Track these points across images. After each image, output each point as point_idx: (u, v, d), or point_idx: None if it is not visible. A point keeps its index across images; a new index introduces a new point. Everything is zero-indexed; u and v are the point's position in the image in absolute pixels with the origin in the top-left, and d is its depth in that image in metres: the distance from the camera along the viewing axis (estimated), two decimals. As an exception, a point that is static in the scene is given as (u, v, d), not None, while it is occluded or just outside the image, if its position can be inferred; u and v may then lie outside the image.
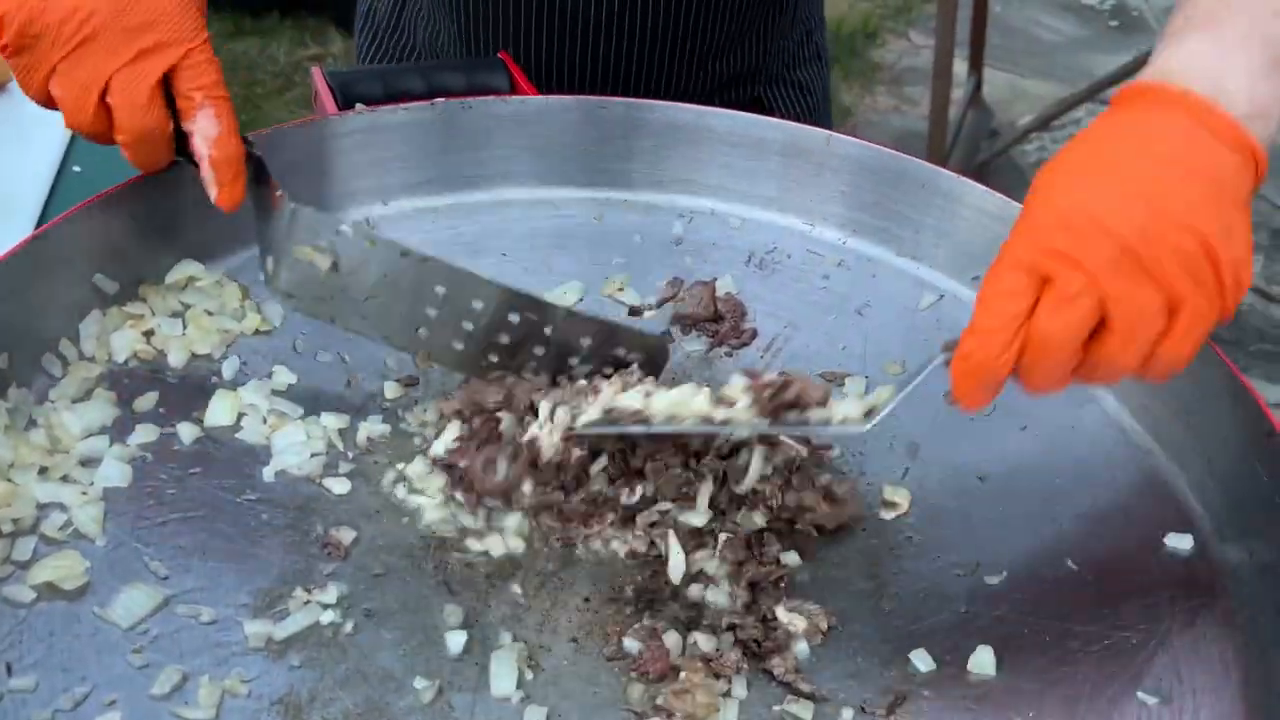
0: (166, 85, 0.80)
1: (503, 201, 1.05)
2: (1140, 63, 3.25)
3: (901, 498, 0.85)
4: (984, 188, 0.97)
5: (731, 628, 0.75)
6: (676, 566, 0.77)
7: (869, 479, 0.87)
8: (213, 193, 0.82)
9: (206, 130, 0.80)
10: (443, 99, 1.02)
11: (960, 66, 3.32)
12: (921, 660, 0.74)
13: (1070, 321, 0.66)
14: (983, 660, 0.74)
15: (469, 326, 0.84)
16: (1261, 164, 0.70)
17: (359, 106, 1.01)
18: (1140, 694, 0.72)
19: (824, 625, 0.76)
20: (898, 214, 1.02)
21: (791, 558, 0.80)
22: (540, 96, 1.06)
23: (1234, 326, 2.80)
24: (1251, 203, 0.71)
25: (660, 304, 0.99)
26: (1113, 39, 3.91)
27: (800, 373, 0.79)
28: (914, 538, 0.83)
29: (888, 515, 0.84)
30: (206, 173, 0.82)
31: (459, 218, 1.03)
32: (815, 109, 1.32)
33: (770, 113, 1.24)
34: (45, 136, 1.26)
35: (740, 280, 1.02)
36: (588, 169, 1.07)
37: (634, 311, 0.98)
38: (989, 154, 3.25)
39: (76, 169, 1.25)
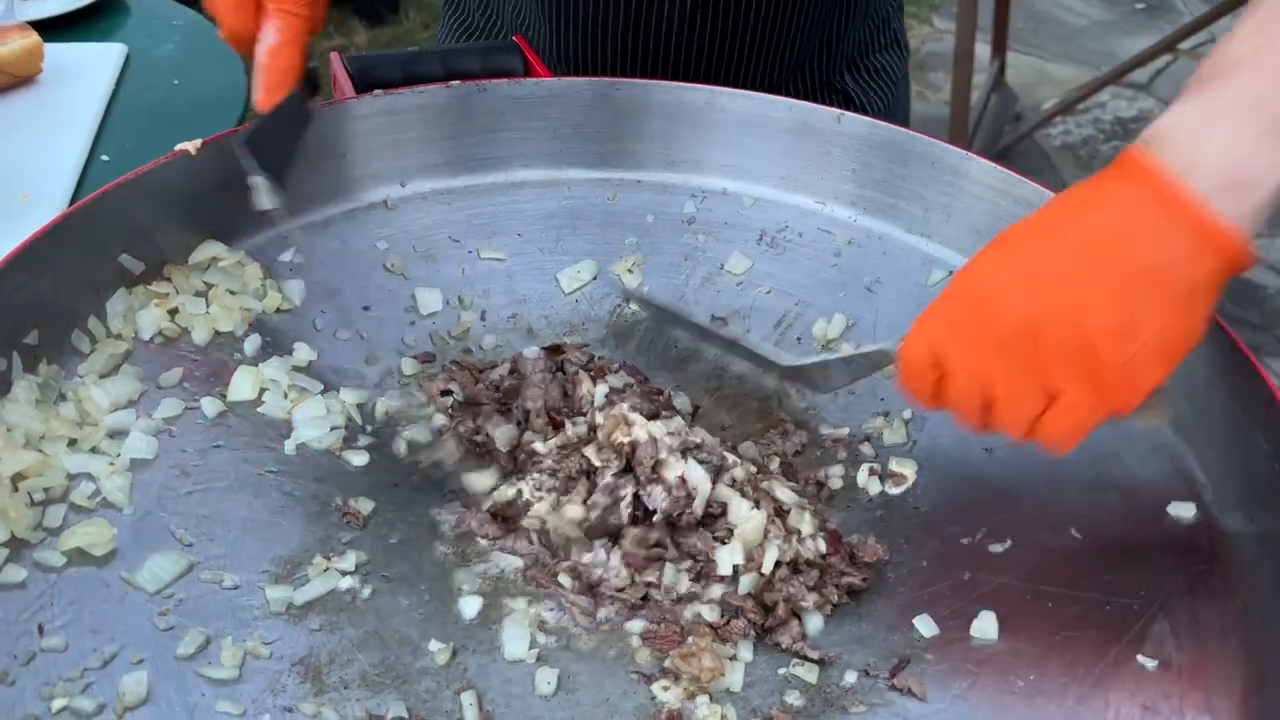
0: None
1: (517, 183, 1.07)
2: (1168, 46, 3.21)
3: (908, 469, 0.86)
4: (990, 163, 0.98)
5: (738, 611, 0.76)
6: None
7: (878, 453, 0.88)
8: (255, 96, 0.86)
9: (266, 38, 0.85)
10: (458, 82, 1.04)
11: (984, 51, 3.31)
12: (925, 625, 0.76)
13: (960, 399, 0.72)
14: (985, 625, 0.75)
15: None
16: (1230, 247, 0.66)
17: (376, 91, 1.03)
18: (1140, 658, 0.73)
19: (834, 599, 0.78)
20: (907, 191, 1.03)
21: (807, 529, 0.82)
22: (553, 78, 1.07)
23: (1260, 310, 2.78)
24: (1215, 286, 0.67)
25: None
26: (1139, 22, 3.88)
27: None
28: (920, 508, 0.84)
29: (894, 489, 0.85)
30: (255, 76, 0.86)
31: (475, 199, 1.05)
32: (894, 95, 1.32)
33: (850, 100, 1.27)
34: (74, 126, 1.30)
35: (752, 258, 1.03)
36: (601, 150, 1.08)
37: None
38: (1012, 138, 3.24)
39: (105, 158, 1.28)
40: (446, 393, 0.86)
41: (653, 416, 0.81)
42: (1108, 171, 0.71)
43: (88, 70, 1.40)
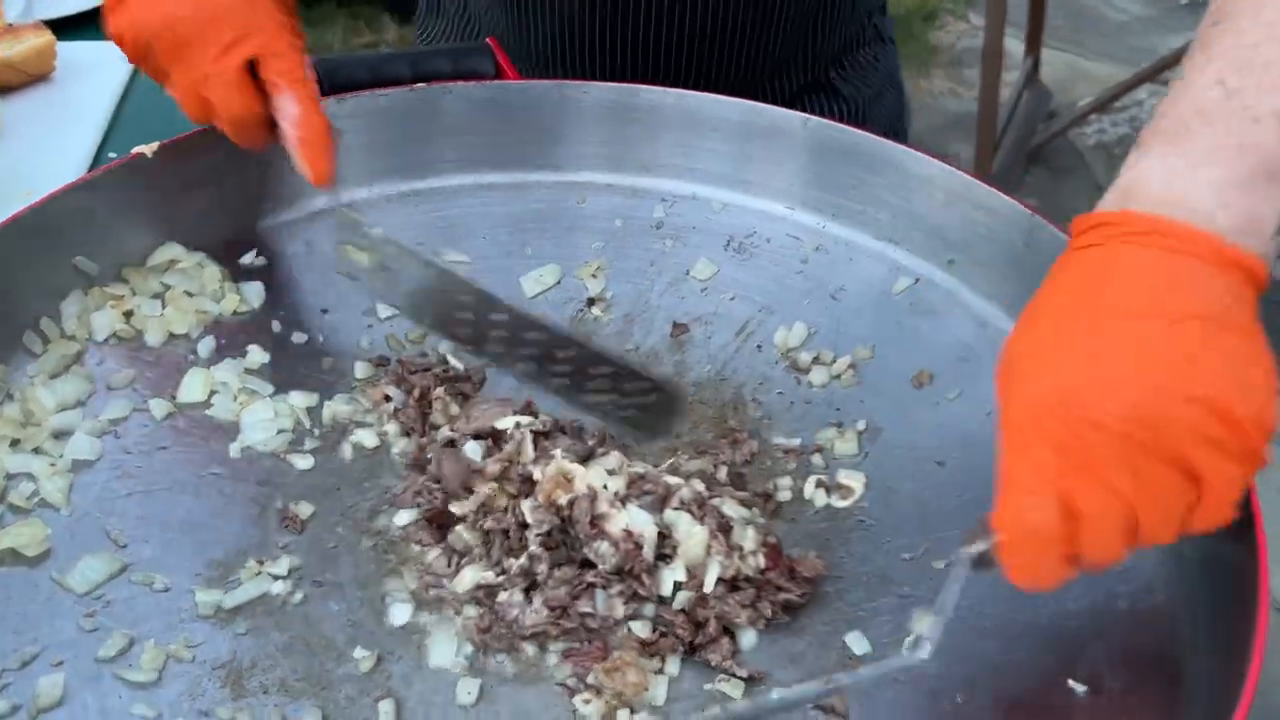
0: (257, 74, 0.86)
1: (485, 185, 1.06)
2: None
3: (856, 482, 0.85)
4: (954, 169, 0.96)
5: (669, 627, 0.74)
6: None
7: (828, 464, 0.87)
8: (305, 173, 0.86)
9: (288, 112, 0.85)
10: (424, 84, 1.04)
11: (1018, 47, 3.26)
12: (857, 642, 0.75)
13: (1104, 535, 0.61)
14: (917, 643, 0.73)
15: (496, 334, 0.88)
16: (1259, 272, 0.63)
17: (343, 95, 1.03)
18: (1071, 681, 0.71)
19: (769, 614, 0.76)
20: (875, 197, 1.01)
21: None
22: (523, 81, 1.07)
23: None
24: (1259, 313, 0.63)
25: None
26: (1181, 18, 3.79)
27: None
28: (865, 520, 0.83)
29: (841, 502, 0.84)
30: (293, 153, 0.86)
31: (441, 201, 1.05)
32: (884, 91, 1.30)
33: (838, 95, 1.25)
34: (83, 124, 1.31)
35: (718, 264, 1.02)
36: (571, 153, 1.08)
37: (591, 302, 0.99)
38: (1045, 136, 3.18)
39: (112, 155, 1.29)
40: (388, 398, 0.86)
41: (586, 458, 0.79)
42: (1097, 242, 0.65)
43: (100, 69, 1.42)
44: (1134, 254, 0.64)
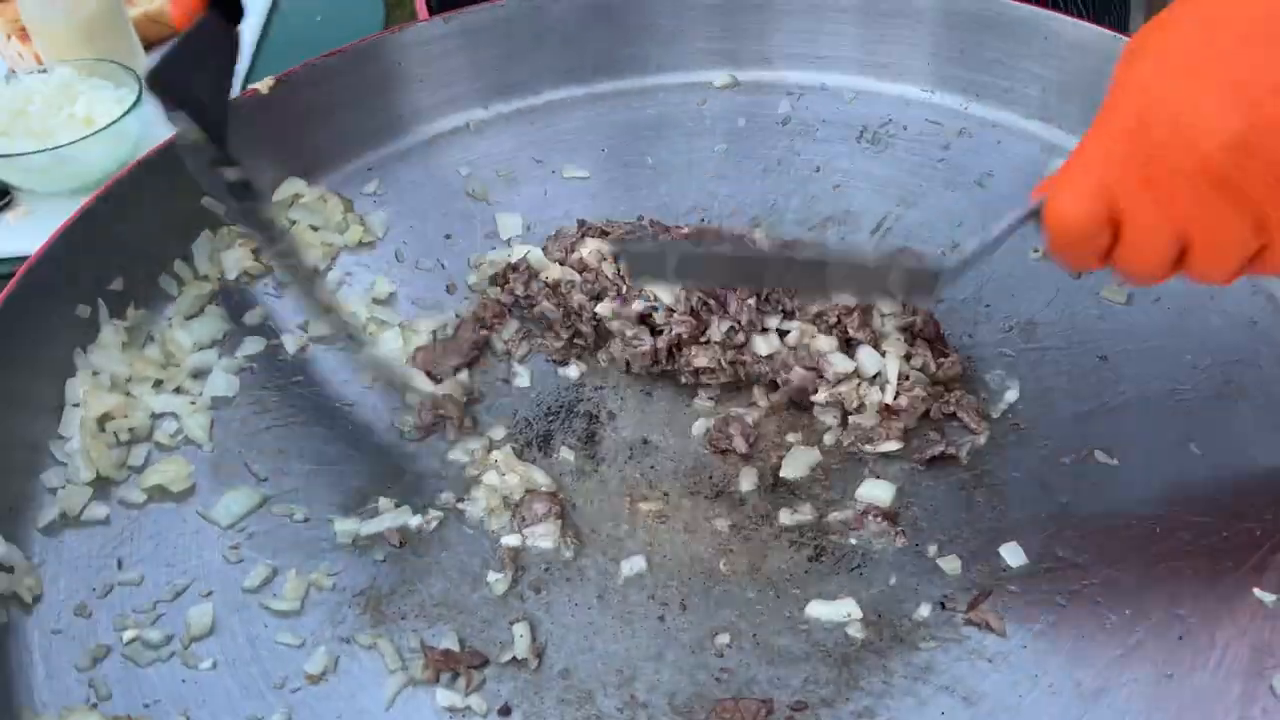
0: None
1: (599, 95, 1.03)
2: None
3: (1011, 385, 0.79)
4: (1111, 32, 0.87)
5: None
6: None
7: (978, 363, 0.81)
8: (172, 13, 0.83)
9: None
10: (529, -5, 1.00)
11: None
12: (1012, 554, 0.70)
13: (1151, 258, 0.58)
14: (1078, 552, 0.68)
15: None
16: None
17: (449, 13, 1.01)
18: (1257, 591, 0.64)
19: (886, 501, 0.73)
20: (1023, 71, 0.93)
21: (888, 445, 0.76)
22: (636, -19, 1.02)
23: None
24: None
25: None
26: None
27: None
28: (1021, 425, 0.77)
29: (995, 408, 0.78)
30: None
31: (557, 115, 1.02)
32: None
33: None
34: None
35: (851, 157, 0.96)
36: (691, 51, 1.03)
37: None
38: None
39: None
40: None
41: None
42: None
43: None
44: None
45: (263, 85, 0.92)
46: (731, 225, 0.92)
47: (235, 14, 0.84)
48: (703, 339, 0.79)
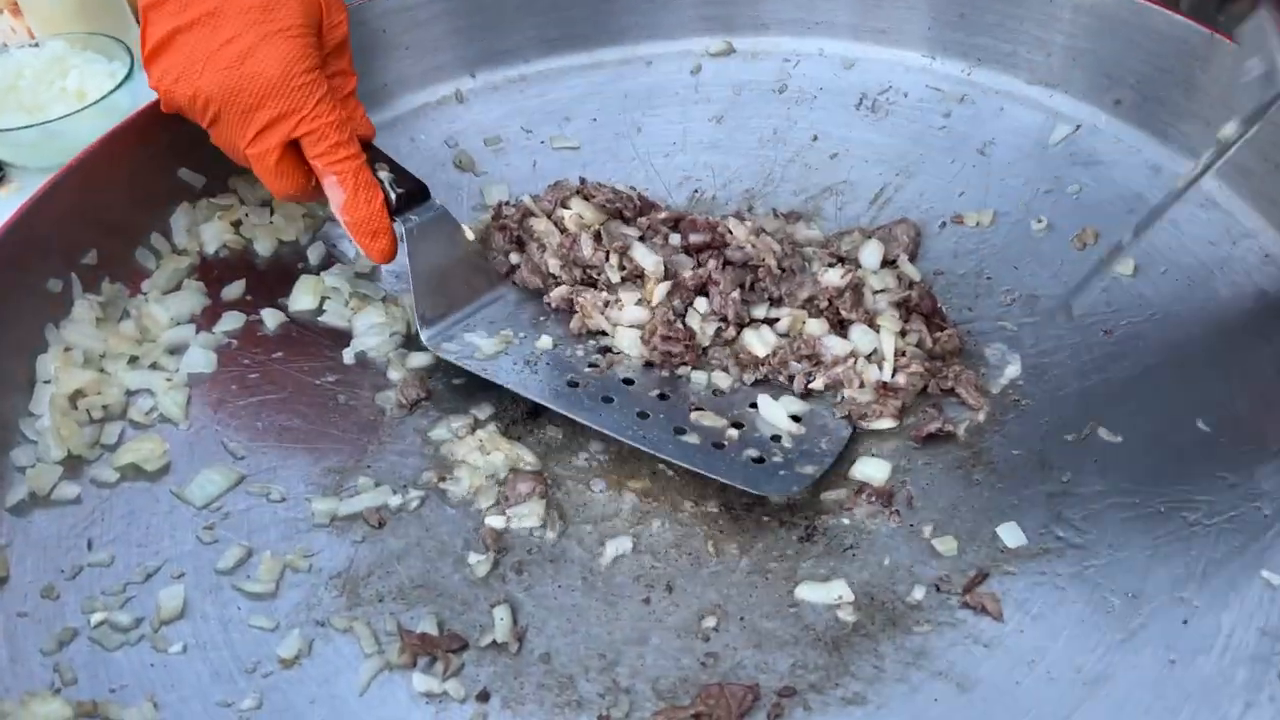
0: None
1: (593, 63, 0.99)
2: None
3: (1012, 360, 0.76)
4: (1117, -8, 0.83)
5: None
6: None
7: (977, 337, 0.78)
8: (366, 255, 0.80)
9: (334, 198, 0.78)
10: (518, -43, 0.97)
11: None
12: (1010, 534, 0.67)
13: None
14: (1079, 533, 0.66)
15: None
16: None
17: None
18: (1265, 573, 0.62)
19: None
20: (1026, 36, 0.90)
21: (882, 422, 0.74)
22: (628, -57, 0.99)
23: None
24: None
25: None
26: None
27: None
28: (1021, 401, 0.74)
29: (995, 384, 0.75)
30: (354, 238, 0.79)
31: (548, 84, 0.99)
32: None
33: None
34: None
35: (849, 126, 0.93)
36: (684, 17, 0.99)
37: None
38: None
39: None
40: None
41: None
42: None
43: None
44: None
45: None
46: (724, 199, 0.90)
47: (422, 194, 0.80)
48: (689, 344, 0.77)
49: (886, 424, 0.73)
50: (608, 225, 0.81)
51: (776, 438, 0.73)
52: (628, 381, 0.76)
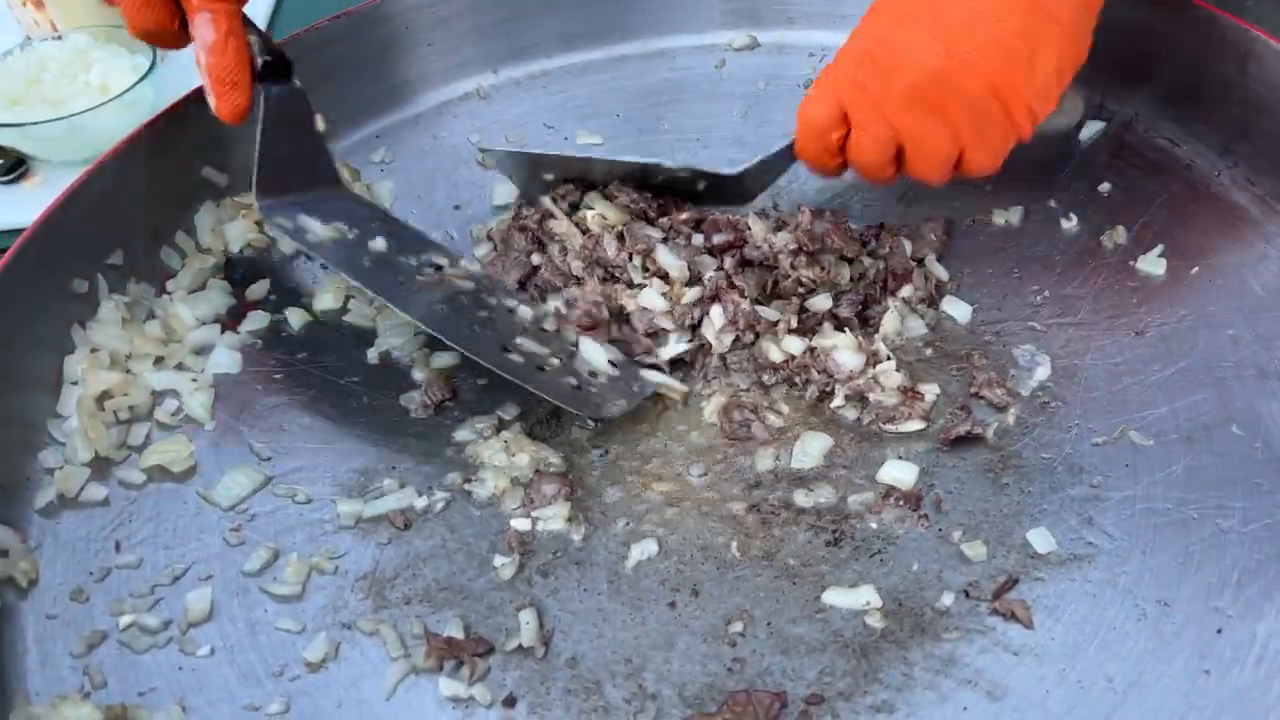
0: None
1: (616, 58, 0.99)
2: None
3: (1042, 361, 0.75)
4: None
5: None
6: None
7: (1006, 337, 0.77)
8: (210, 102, 0.79)
9: (203, 36, 0.76)
10: (539, -49, 0.97)
11: None
12: (1040, 540, 0.66)
13: (870, 152, 0.73)
14: (1110, 539, 0.65)
15: None
16: None
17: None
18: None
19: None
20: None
21: (911, 424, 0.73)
22: (652, -63, 0.98)
23: None
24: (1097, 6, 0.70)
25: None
26: None
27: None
28: (1051, 403, 0.73)
29: (1024, 386, 0.74)
30: (203, 81, 0.78)
31: (571, 80, 0.98)
32: None
33: None
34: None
35: (875, 122, 0.92)
36: (707, 11, 0.99)
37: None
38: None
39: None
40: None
41: None
42: None
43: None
44: None
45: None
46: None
47: (285, 71, 0.80)
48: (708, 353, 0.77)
49: (915, 426, 0.73)
50: (630, 226, 0.80)
51: (594, 374, 0.76)
52: (457, 295, 0.78)
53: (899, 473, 0.71)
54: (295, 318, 0.83)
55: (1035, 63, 0.68)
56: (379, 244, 0.80)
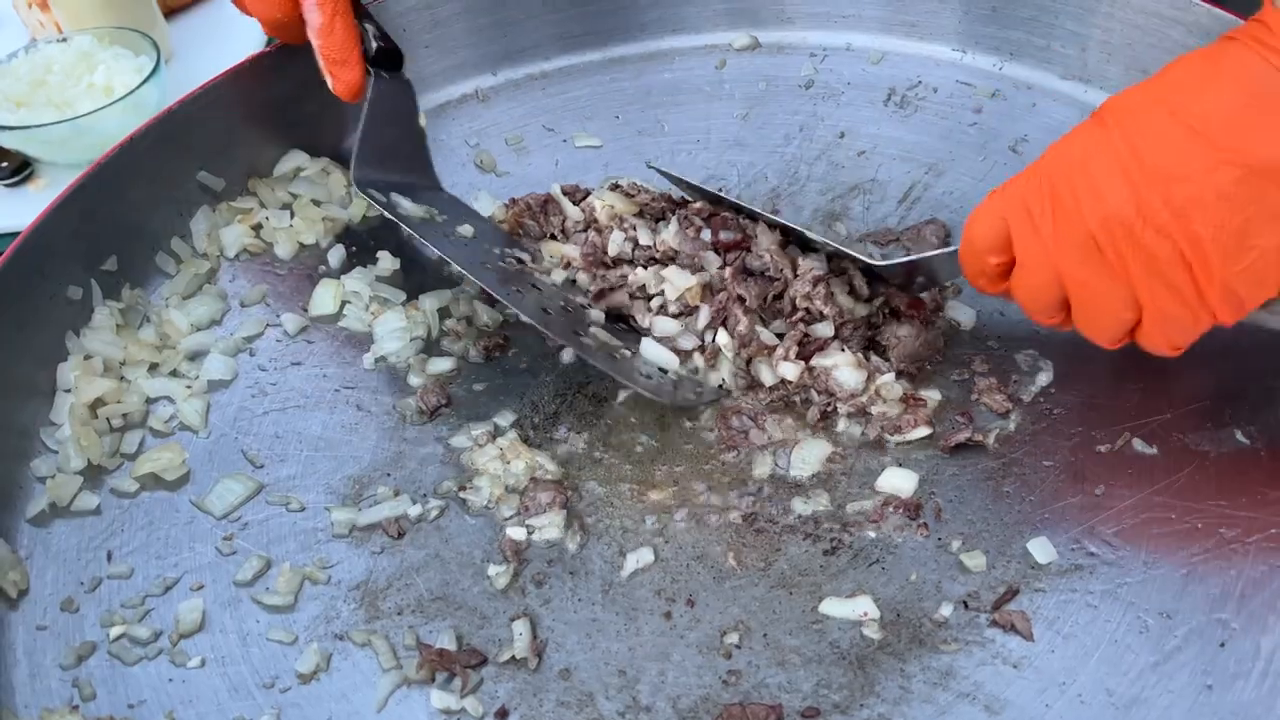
0: None
1: (615, 59, 0.98)
2: None
3: (1044, 367, 0.74)
4: (1155, -15, 0.81)
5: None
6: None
7: (1008, 342, 0.76)
8: (327, 82, 0.83)
9: (313, 21, 0.80)
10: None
11: None
12: (1041, 550, 0.65)
13: (1031, 295, 0.64)
14: (1113, 549, 0.64)
15: None
16: None
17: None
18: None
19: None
20: (1060, 30, 0.87)
21: (918, 431, 0.72)
22: (651, -63, 0.97)
23: None
24: None
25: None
26: None
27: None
28: (1053, 409, 0.72)
29: (1026, 391, 0.73)
30: (320, 64, 0.82)
31: (570, 81, 0.97)
32: None
33: None
34: (250, 40, 1.29)
35: (877, 122, 0.91)
36: (707, 12, 0.98)
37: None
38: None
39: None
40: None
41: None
42: (1244, 30, 0.57)
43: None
44: (1251, 61, 0.56)
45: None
46: (749, 198, 0.88)
47: (396, 61, 0.85)
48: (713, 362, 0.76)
49: (922, 432, 0.72)
50: (639, 229, 0.79)
51: (663, 370, 0.76)
52: (537, 285, 0.80)
53: (898, 481, 0.70)
54: (291, 323, 0.83)
55: (1247, 236, 0.56)
56: (466, 229, 0.82)
